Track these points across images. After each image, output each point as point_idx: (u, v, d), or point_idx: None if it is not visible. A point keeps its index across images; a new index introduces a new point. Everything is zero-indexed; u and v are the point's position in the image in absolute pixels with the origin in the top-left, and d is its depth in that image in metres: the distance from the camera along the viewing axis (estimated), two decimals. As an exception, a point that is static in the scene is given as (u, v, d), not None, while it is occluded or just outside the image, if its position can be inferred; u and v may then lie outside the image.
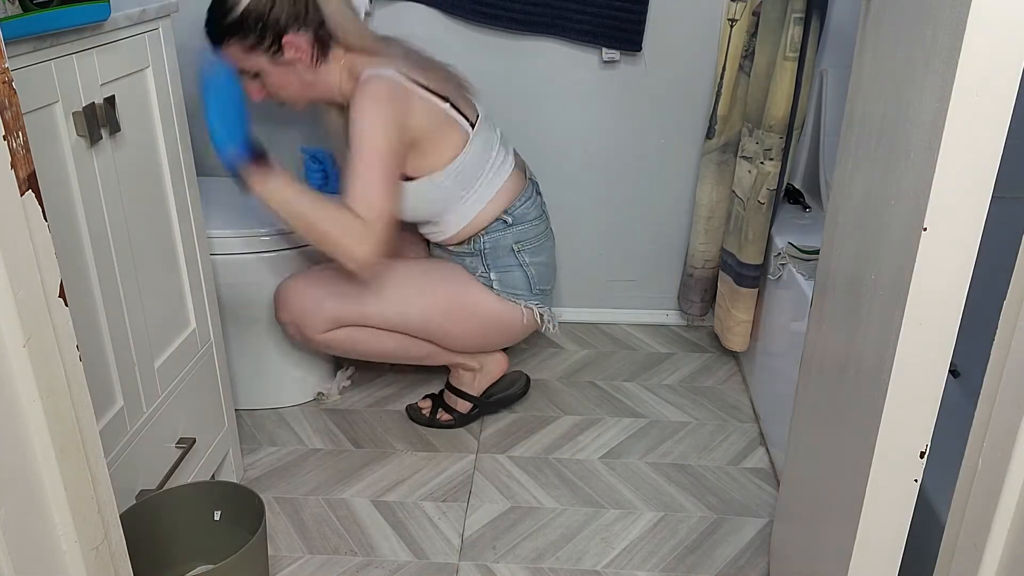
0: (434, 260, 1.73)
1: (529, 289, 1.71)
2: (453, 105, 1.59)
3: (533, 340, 2.19)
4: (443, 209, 1.64)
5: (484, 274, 1.69)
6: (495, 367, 1.84)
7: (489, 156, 1.64)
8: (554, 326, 1.78)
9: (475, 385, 1.83)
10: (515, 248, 1.68)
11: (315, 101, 1.63)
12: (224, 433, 1.57)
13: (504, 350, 1.87)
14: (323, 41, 1.53)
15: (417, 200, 1.61)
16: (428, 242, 1.84)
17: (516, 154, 1.75)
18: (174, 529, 1.31)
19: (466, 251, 1.70)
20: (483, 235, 1.67)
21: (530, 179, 1.74)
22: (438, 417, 1.83)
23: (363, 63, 1.55)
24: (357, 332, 1.67)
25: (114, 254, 1.18)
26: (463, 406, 1.83)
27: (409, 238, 1.87)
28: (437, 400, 1.85)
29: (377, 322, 1.66)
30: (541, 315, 1.75)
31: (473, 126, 1.61)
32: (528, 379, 1.94)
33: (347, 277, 1.63)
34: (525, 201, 1.69)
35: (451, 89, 1.61)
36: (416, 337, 1.71)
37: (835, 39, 1.89)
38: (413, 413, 1.86)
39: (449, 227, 1.67)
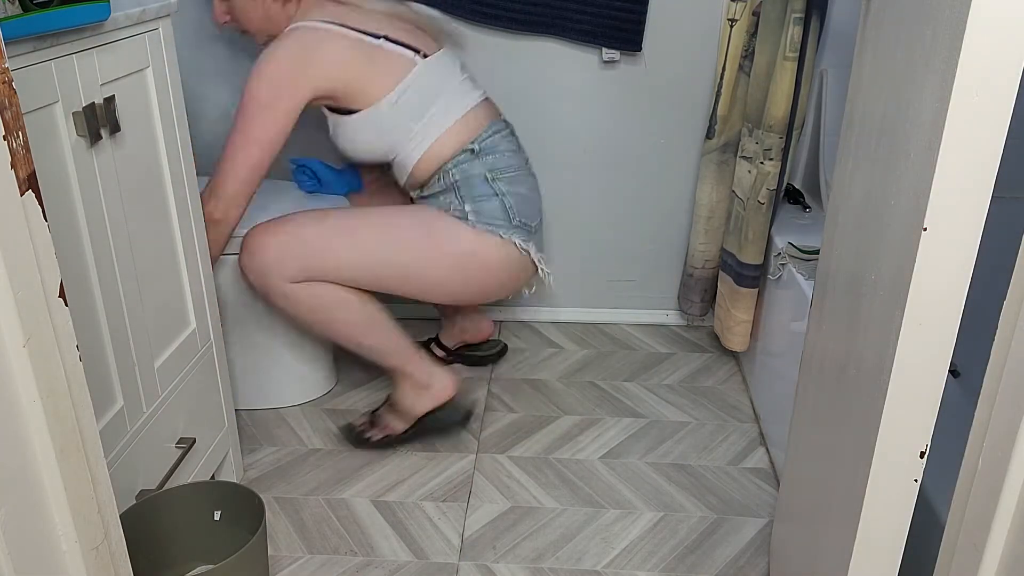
0: (409, 207, 1.65)
1: (508, 219, 1.60)
2: (391, 39, 1.57)
3: (533, 340, 2.19)
4: (396, 141, 1.61)
5: (459, 207, 1.60)
6: (441, 390, 1.71)
7: (447, 84, 1.61)
8: (546, 275, 1.69)
9: (421, 403, 1.71)
10: (488, 177, 1.60)
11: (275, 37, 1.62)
12: (224, 433, 1.57)
13: (467, 361, 1.90)
14: None
15: (366, 133, 1.60)
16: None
17: (488, 99, 1.71)
18: (174, 529, 1.31)
19: (438, 188, 1.63)
20: (451, 168, 1.60)
21: (505, 120, 1.70)
22: (368, 436, 1.73)
23: (316, 10, 1.58)
24: (323, 292, 1.57)
25: (114, 254, 1.18)
26: (397, 427, 1.73)
27: (393, 198, 1.89)
28: (374, 417, 1.77)
29: (349, 271, 1.57)
30: (526, 251, 1.63)
31: (427, 56, 1.60)
32: (470, 413, 1.81)
33: (320, 220, 1.58)
34: (495, 134, 1.63)
35: (411, 33, 1.62)
36: (391, 292, 1.62)
37: (835, 39, 1.89)
38: (347, 432, 1.77)
39: (409, 158, 1.62)
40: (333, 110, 1.63)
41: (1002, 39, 0.69)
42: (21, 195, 0.66)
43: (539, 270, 1.69)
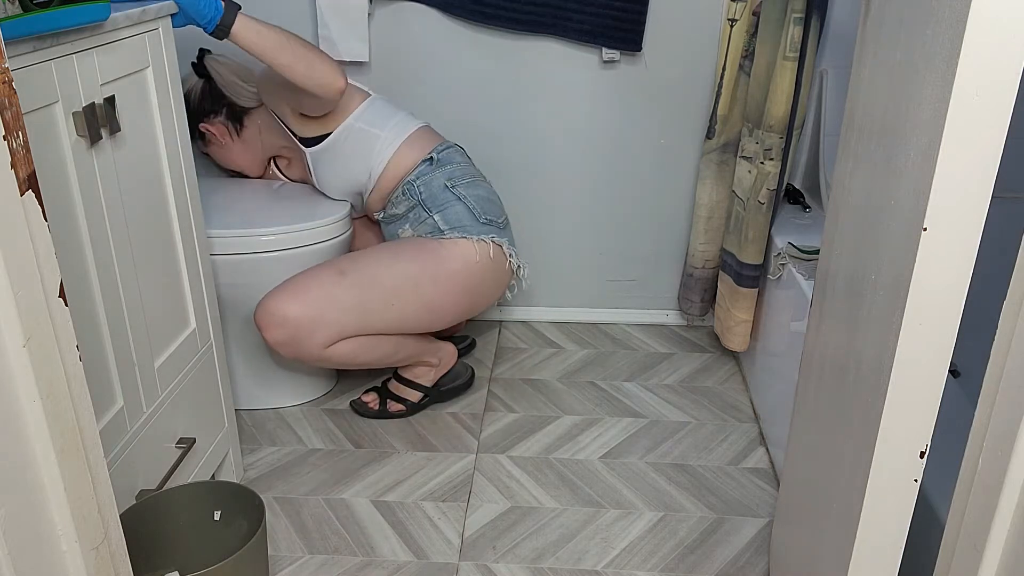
0: (398, 240, 1.77)
1: (475, 219, 1.72)
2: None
3: (533, 340, 2.19)
4: (365, 154, 1.75)
5: (429, 219, 1.73)
6: (448, 358, 1.89)
7: (397, 111, 1.80)
8: (522, 270, 1.80)
9: (430, 377, 1.87)
10: (448, 184, 1.73)
11: (261, 160, 1.94)
12: (224, 433, 1.57)
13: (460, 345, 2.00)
14: (236, 116, 1.86)
15: (342, 154, 1.76)
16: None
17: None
18: (174, 529, 1.31)
19: (404, 205, 1.75)
20: (414, 180, 1.74)
21: (449, 141, 1.83)
22: (388, 408, 1.85)
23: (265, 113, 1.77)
24: (358, 343, 1.67)
25: (114, 254, 1.18)
26: (414, 396, 1.86)
27: (366, 233, 1.99)
28: (383, 391, 1.88)
29: (379, 323, 1.67)
30: (500, 248, 1.73)
31: (371, 95, 1.80)
32: (473, 371, 1.97)
33: (340, 277, 1.63)
34: (448, 148, 1.78)
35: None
36: (409, 333, 1.74)
37: (835, 39, 1.89)
38: (359, 408, 1.87)
39: (378, 167, 1.75)
40: (303, 142, 1.78)
41: (1002, 39, 0.69)
42: (21, 195, 0.66)
43: (509, 263, 1.77)
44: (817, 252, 1.66)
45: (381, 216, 1.82)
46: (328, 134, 1.75)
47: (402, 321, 1.70)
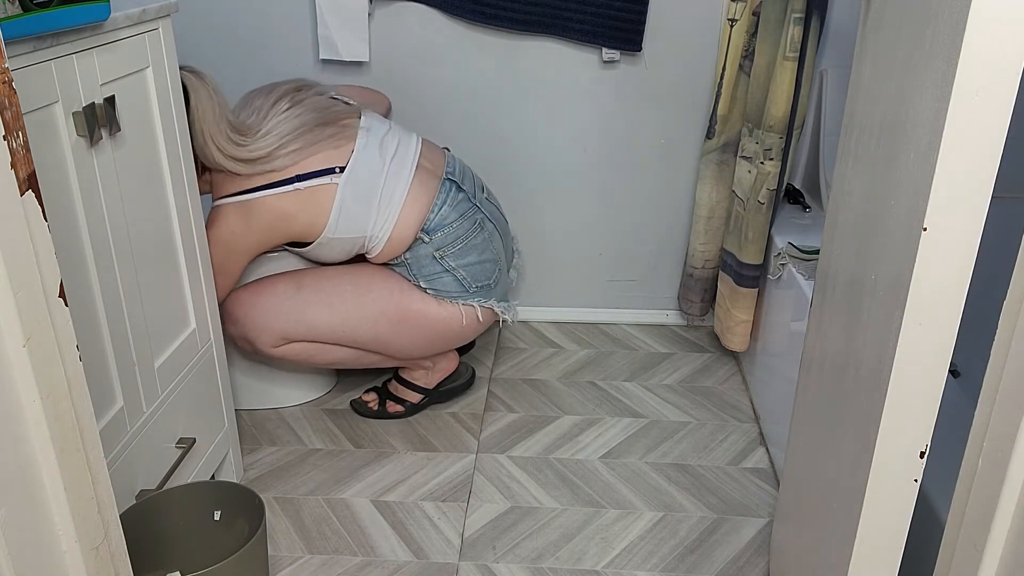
0: (374, 271, 1.71)
1: (464, 290, 1.69)
2: (301, 175, 1.57)
3: (533, 340, 2.19)
4: (352, 248, 1.66)
5: (415, 283, 1.69)
6: (447, 364, 1.86)
7: (377, 174, 1.61)
8: (511, 318, 1.79)
9: (428, 379, 1.86)
10: (436, 256, 1.66)
11: None
12: (224, 433, 1.57)
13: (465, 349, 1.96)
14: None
15: (327, 253, 1.67)
16: None
17: (426, 154, 1.71)
18: (174, 529, 1.31)
19: (392, 262, 1.70)
20: (405, 254, 1.67)
21: (446, 179, 1.68)
22: (387, 409, 1.85)
23: (219, 184, 1.60)
24: (310, 346, 1.69)
25: (114, 254, 1.18)
26: (413, 397, 1.86)
27: None
28: (382, 392, 1.88)
29: (327, 336, 1.68)
30: (490, 309, 1.74)
31: (343, 168, 1.58)
32: (473, 371, 1.97)
33: (296, 292, 1.66)
34: (440, 208, 1.65)
35: (316, 137, 1.59)
36: (365, 350, 1.73)
37: (835, 39, 1.89)
38: (359, 407, 1.87)
39: (375, 249, 1.66)
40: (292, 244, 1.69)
41: (1002, 39, 0.69)
42: (21, 195, 0.66)
43: (500, 320, 1.79)
44: (817, 252, 1.66)
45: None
46: (308, 243, 1.65)
47: (352, 343, 1.70)
